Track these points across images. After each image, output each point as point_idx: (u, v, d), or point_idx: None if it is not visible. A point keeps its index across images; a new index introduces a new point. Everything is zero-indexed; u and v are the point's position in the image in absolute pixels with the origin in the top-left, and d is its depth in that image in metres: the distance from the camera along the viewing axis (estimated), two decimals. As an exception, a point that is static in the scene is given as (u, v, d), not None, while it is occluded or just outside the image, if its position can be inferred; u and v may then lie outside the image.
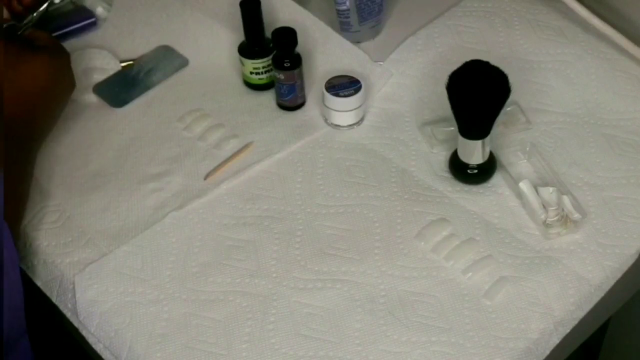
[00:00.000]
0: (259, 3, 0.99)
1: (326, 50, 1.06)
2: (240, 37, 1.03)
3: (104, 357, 0.86)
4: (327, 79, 0.99)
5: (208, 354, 0.82)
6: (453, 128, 0.93)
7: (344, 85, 0.98)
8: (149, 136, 1.01)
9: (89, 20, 1.12)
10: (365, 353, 0.82)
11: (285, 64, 0.99)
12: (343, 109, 0.98)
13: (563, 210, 0.89)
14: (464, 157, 0.92)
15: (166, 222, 0.92)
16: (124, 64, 1.08)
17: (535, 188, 0.90)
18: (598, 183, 0.93)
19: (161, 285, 0.87)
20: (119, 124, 1.02)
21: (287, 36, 0.98)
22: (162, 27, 1.11)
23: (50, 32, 1.02)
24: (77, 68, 1.04)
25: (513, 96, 0.89)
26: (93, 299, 0.87)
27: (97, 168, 0.98)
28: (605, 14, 1.05)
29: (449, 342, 0.82)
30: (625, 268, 0.88)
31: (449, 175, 0.95)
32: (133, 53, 1.09)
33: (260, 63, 1.02)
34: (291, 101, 1.02)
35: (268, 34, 1.01)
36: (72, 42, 1.10)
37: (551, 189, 0.89)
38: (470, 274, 0.86)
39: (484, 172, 0.94)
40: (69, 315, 0.88)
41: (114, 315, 0.85)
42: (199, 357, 0.82)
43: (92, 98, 1.05)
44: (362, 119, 1.01)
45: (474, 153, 0.91)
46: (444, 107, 0.91)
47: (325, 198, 0.94)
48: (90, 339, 0.87)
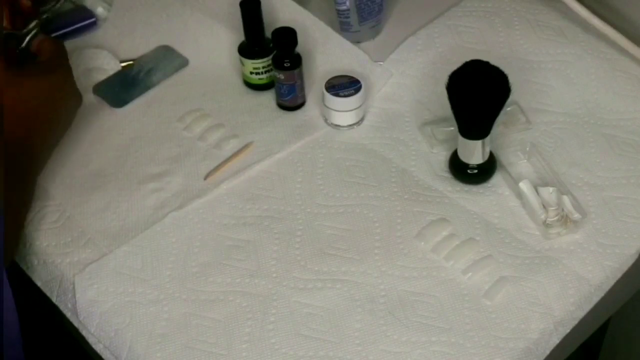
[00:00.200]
0: (259, 3, 0.99)
1: (326, 50, 1.06)
2: (240, 37, 1.03)
3: (104, 357, 0.86)
4: (327, 79, 0.99)
5: (208, 354, 0.82)
6: (453, 128, 0.93)
7: (344, 85, 0.98)
8: (149, 136, 1.01)
9: (89, 20, 1.11)
10: (365, 353, 0.82)
11: (285, 64, 0.99)
12: (343, 109, 0.98)
13: (563, 210, 0.89)
14: (464, 157, 0.92)
15: (166, 222, 0.92)
16: (124, 64, 1.08)
17: (535, 188, 0.90)
18: (598, 183, 0.93)
19: (161, 285, 0.87)
20: (119, 124, 1.02)
21: (287, 36, 0.98)
22: (162, 27, 1.11)
23: (55, 40, 0.96)
24: (77, 68, 1.03)
25: (513, 96, 0.89)
26: (93, 299, 0.87)
27: (97, 168, 0.98)
28: (605, 14, 1.05)
29: (449, 342, 0.82)
30: (625, 268, 0.88)
31: (449, 175, 0.95)
32: (133, 53, 1.09)
33: (260, 63, 1.02)
34: (291, 101, 1.02)
35: (268, 34, 1.01)
36: (72, 42, 1.10)
37: (551, 189, 0.89)
38: (470, 274, 0.86)
39: (484, 172, 0.94)
40: (69, 315, 0.88)
41: (114, 315, 0.85)
42: (199, 357, 0.82)
43: (92, 98, 1.04)
44: (362, 119, 1.00)
45: (474, 153, 0.91)
46: (444, 107, 0.91)
47: (325, 198, 0.94)
48: (90, 339, 0.87)
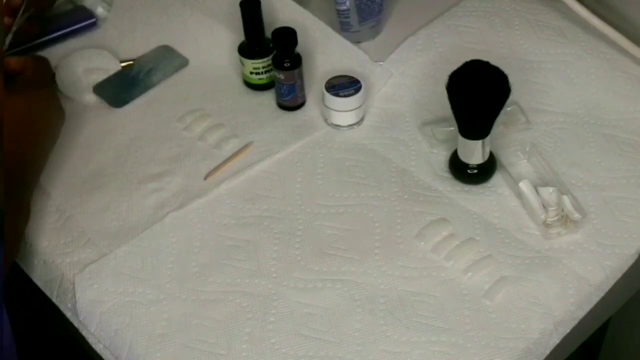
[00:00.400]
0: (259, 3, 0.99)
1: (326, 50, 1.06)
2: (240, 37, 1.03)
3: (104, 357, 0.86)
4: (327, 79, 0.98)
5: (208, 354, 0.82)
6: (453, 128, 0.93)
7: (344, 85, 0.98)
8: (149, 136, 1.01)
9: (89, 21, 1.11)
10: (365, 353, 0.82)
11: (285, 64, 0.99)
12: (343, 109, 0.98)
13: (563, 210, 0.89)
14: (464, 157, 0.92)
15: (166, 222, 0.92)
16: (124, 64, 1.07)
17: (535, 188, 0.90)
18: (598, 183, 0.93)
19: (161, 285, 0.87)
20: (119, 124, 1.02)
21: (287, 36, 0.98)
22: (162, 27, 1.11)
23: (38, 57, 0.94)
24: (77, 68, 1.04)
25: (513, 96, 0.89)
26: (93, 299, 0.87)
27: (97, 168, 0.98)
28: (605, 14, 1.05)
29: (449, 342, 0.82)
30: (625, 268, 0.88)
31: (449, 175, 0.95)
32: (133, 53, 1.09)
33: (260, 63, 1.02)
34: (291, 101, 1.02)
35: (268, 34, 1.01)
36: (72, 42, 1.10)
37: (551, 189, 0.89)
38: (470, 274, 0.86)
39: (484, 172, 0.94)
40: (69, 315, 0.88)
41: (114, 315, 0.85)
42: (199, 357, 0.82)
43: (92, 98, 1.04)
44: (362, 119, 1.00)
45: (474, 153, 0.91)
46: (444, 107, 0.91)
47: (325, 198, 0.94)
48: (90, 339, 0.86)
